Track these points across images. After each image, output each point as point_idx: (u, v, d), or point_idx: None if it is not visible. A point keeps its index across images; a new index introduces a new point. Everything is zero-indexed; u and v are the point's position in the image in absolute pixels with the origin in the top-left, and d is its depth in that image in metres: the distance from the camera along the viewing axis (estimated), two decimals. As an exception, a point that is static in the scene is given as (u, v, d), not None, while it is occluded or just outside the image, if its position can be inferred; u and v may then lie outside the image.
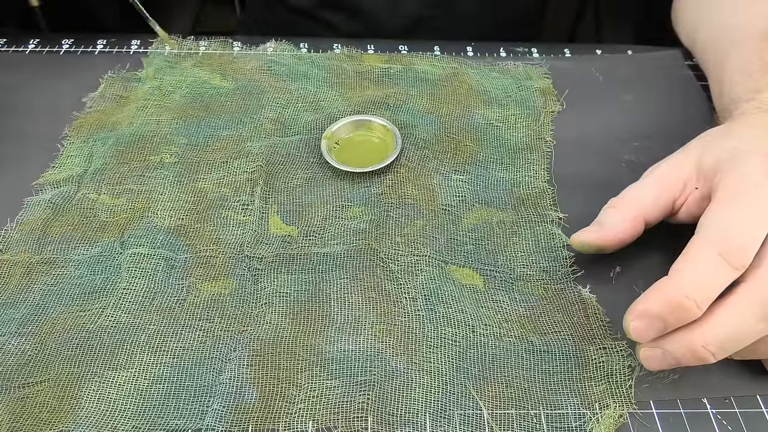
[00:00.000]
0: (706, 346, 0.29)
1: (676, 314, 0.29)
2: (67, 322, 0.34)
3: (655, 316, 0.29)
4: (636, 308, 0.30)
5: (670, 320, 0.29)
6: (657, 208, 0.35)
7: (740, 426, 0.31)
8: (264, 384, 0.32)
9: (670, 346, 0.30)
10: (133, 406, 0.31)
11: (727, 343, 0.29)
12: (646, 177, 0.37)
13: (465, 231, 0.39)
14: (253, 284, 0.36)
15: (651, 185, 0.36)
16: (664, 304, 0.29)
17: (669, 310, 0.29)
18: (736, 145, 0.34)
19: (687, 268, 0.29)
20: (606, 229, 0.35)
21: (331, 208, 0.40)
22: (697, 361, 0.30)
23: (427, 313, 0.35)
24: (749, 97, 0.38)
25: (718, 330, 0.29)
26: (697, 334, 0.29)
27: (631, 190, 0.36)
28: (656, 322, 0.29)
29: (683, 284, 0.29)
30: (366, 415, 0.31)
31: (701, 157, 0.35)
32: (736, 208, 0.31)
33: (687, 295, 0.29)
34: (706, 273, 0.29)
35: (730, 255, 0.29)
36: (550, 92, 0.49)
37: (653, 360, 0.31)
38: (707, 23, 0.49)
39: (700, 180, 0.35)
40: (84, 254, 0.38)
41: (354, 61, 0.52)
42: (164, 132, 0.45)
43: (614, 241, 0.35)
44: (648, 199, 0.35)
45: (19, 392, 0.32)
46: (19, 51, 0.52)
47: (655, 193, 0.35)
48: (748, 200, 0.31)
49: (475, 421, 0.31)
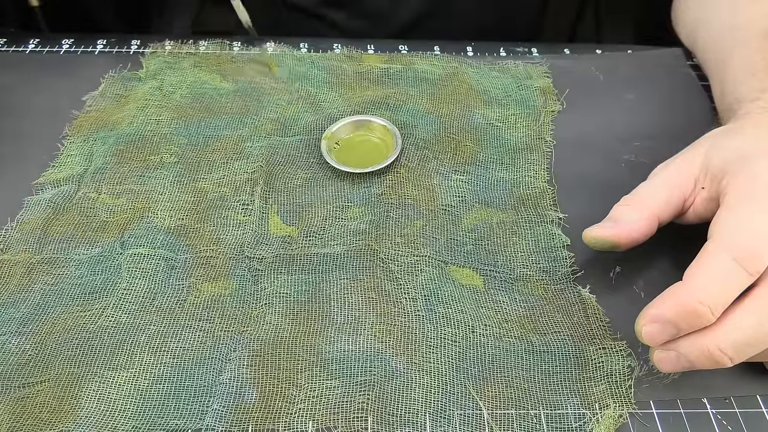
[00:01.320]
0: (723, 350, 0.28)
1: (689, 320, 0.29)
2: (68, 322, 0.34)
3: (668, 321, 0.29)
4: (648, 312, 0.30)
5: (683, 326, 0.29)
6: (669, 208, 0.35)
7: (740, 426, 0.31)
8: (264, 384, 0.32)
9: (685, 349, 0.29)
10: (133, 406, 0.31)
11: (743, 347, 0.29)
12: (656, 176, 0.36)
13: (465, 231, 0.39)
14: (253, 285, 0.36)
15: (662, 184, 0.35)
16: (677, 309, 0.29)
17: (682, 315, 0.29)
18: (742, 147, 0.34)
19: (701, 273, 0.29)
20: (621, 225, 0.34)
21: (331, 208, 0.40)
22: (713, 364, 0.29)
23: (427, 313, 0.35)
24: (754, 96, 0.38)
25: (734, 334, 0.29)
26: (712, 338, 0.29)
27: (642, 188, 0.36)
28: (669, 327, 0.29)
29: (697, 290, 0.29)
30: (366, 415, 0.31)
31: (708, 157, 0.35)
32: (748, 212, 0.30)
33: (701, 300, 0.28)
34: (720, 279, 0.29)
35: (745, 260, 0.29)
36: (551, 91, 0.49)
37: (667, 363, 0.30)
38: (708, 23, 0.49)
39: (707, 180, 0.34)
40: (84, 254, 0.38)
41: (354, 61, 0.51)
42: (164, 132, 0.45)
43: (628, 239, 0.35)
44: (661, 198, 0.35)
45: (19, 392, 0.32)
46: (19, 51, 0.52)
47: (667, 193, 0.35)
48: (760, 203, 0.30)
49: (475, 421, 0.31)
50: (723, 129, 0.37)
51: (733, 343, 0.29)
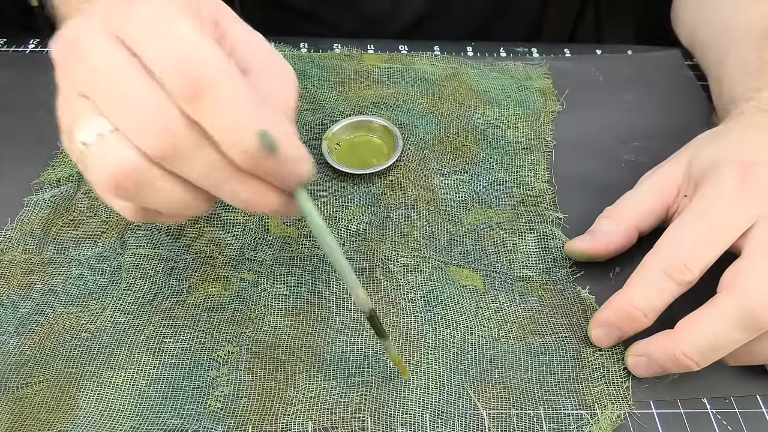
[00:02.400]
0: (687, 354, 0.30)
1: (627, 322, 0.32)
2: (67, 322, 0.34)
3: (612, 324, 0.32)
4: (596, 317, 0.33)
5: (625, 328, 0.32)
6: (652, 217, 0.36)
7: (740, 426, 0.31)
8: (262, 385, 0.32)
9: (654, 354, 0.31)
10: (131, 406, 0.31)
11: (706, 351, 0.30)
12: (641, 185, 0.37)
13: (465, 231, 0.39)
14: (253, 286, 0.36)
15: (646, 194, 0.37)
16: (615, 313, 0.32)
17: (620, 318, 0.32)
18: (719, 153, 0.34)
19: (636, 282, 0.32)
20: (599, 238, 0.36)
21: (331, 209, 0.40)
22: (680, 368, 0.31)
23: (426, 314, 0.35)
24: (748, 96, 0.38)
25: (696, 338, 0.30)
26: (677, 343, 0.30)
27: (626, 199, 0.37)
28: (614, 329, 0.33)
29: (632, 296, 0.32)
30: (364, 415, 0.31)
31: (690, 163, 0.35)
32: (690, 223, 0.32)
33: (634, 305, 0.31)
34: (651, 287, 0.31)
35: (672, 272, 0.31)
36: (550, 92, 0.49)
37: (640, 367, 0.32)
38: (707, 23, 0.49)
39: (689, 188, 0.35)
40: (84, 254, 0.38)
41: (354, 61, 0.51)
42: (164, 132, 0.45)
43: (606, 251, 0.36)
44: (643, 208, 0.36)
45: (18, 392, 0.32)
46: (19, 51, 0.52)
47: (650, 202, 0.36)
48: (696, 214, 0.32)
49: (473, 421, 0.31)
50: (710, 132, 0.37)
51: (698, 348, 0.30)
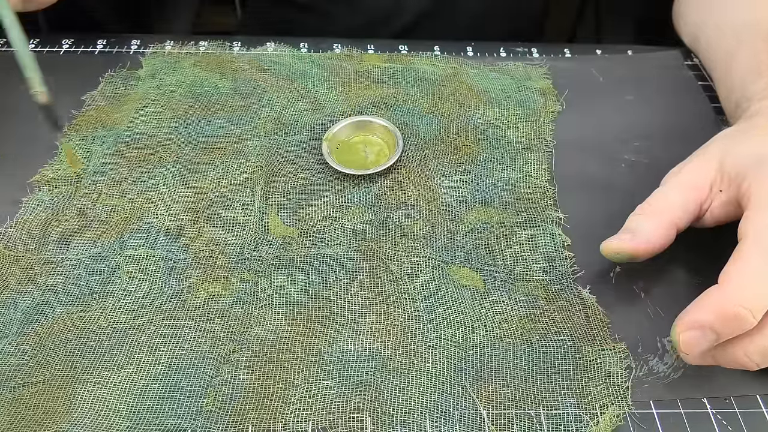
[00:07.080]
0: (749, 355, 0.28)
1: (730, 325, 0.28)
2: (66, 323, 0.34)
3: (708, 327, 0.28)
4: (686, 319, 0.29)
5: (725, 331, 0.28)
6: (686, 214, 0.34)
7: (740, 426, 0.31)
8: (261, 385, 0.32)
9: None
10: (127, 406, 0.31)
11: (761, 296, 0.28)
12: (669, 182, 0.36)
13: (465, 231, 0.39)
14: (254, 285, 0.36)
15: (677, 190, 0.35)
16: (717, 314, 0.28)
17: (723, 320, 0.28)
18: (759, 149, 0.33)
19: (740, 276, 0.28)
20: (639, 237, 0.34)
21: (331, 208, 0.40)
22: (738, 366, 0.29)
23: (426, 313, 0.35)
24: (762, 95, 0.38)
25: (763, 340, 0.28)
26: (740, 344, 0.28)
27: (657, 196, 0.35)
28: (709, 333, 0.28)
29: (736, 293, 0.28)
30: (363, 415, 0.31)
31: (723, 159, 0.34)
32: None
33: (742, 304, 0.27)
34: (758, 281, 0.28)
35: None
36: (551, 92, 0.49)
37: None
38: (712, 22, 0.49)
39: (723, 183, 0.34)
40: (83, 254, 0.37)
41: (354, 61, 0.51)
42: (164, 131, 0.45)
43: (647, 250, 0.34)
44: (677, 204, 0.34)
45: (16, 392, 0.31)
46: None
47: (683, 198, 0.34)
48: None
49: (473, 421, 0.31)
50: (734, 130, 0.37)
51: (762, 349, 0.28)
